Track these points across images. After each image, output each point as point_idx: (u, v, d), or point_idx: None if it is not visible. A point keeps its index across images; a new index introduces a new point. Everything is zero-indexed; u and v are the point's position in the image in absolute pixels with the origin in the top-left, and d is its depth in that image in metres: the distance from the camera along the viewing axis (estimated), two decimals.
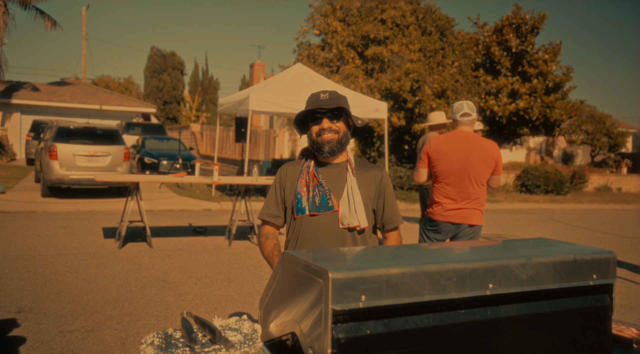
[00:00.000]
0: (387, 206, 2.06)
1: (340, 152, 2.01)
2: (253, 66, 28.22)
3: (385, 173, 2.09)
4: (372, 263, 1.20)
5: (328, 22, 14.74)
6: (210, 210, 10.76)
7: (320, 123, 1.98)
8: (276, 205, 2.12)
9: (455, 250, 1.42)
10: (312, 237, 1.99)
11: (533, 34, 18.49)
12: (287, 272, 1.33)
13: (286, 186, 2.09)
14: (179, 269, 5.59)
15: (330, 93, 2.00)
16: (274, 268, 2.06)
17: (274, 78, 11.81)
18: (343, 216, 1.96)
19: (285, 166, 2.15)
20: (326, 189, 1.98)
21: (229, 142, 23.06)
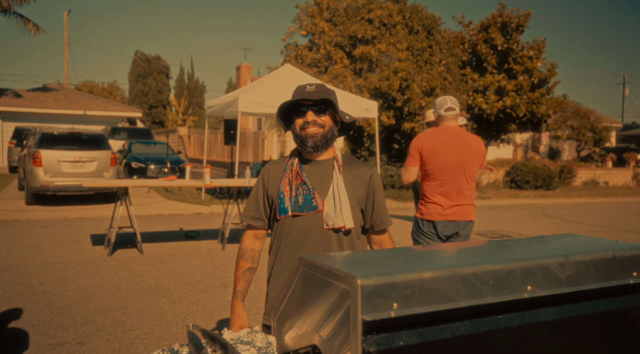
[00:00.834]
0: (377, 206, 1.92)
1: (326, 148, 1.87)
2: (239, 68, 28.04)
3: (375, 171, 1.95)
4: (402, 267, 1.10)
5: (315, 22, 14.64)
6: (200, 214, 10.59)
7: (304, 116, 1.85)
8: (256, 206, 1.97)
9: (486, 249, 1.32)
10: (296, 239, 1.87)
11: (518, 31, 18.57)
12: (305, 279, 1.21)
13: (269, 185, 1.95)
14: (172, 275, 5.44)
15: (317, 85, 1.85)
16: (235, 286, 1.96)
17: (263, 79, 11.68)
18: (328, 216, 1.83)
19: (269, 165, 2.02)
20: (310, 187, 1.84)
21: (217, 145, 22.85)
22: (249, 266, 1.97)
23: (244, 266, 1.96)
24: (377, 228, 1.95)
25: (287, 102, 1.87)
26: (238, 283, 1.95)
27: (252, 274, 1.98)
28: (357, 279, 0.99)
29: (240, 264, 1.97)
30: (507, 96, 17.97)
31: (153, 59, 37.84)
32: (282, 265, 1.90)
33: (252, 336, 1.36)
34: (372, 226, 1.94)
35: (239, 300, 1.93)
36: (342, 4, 14.91)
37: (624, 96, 53.29)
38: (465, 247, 1.33)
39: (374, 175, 1.93)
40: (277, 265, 1.92)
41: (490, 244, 1.41)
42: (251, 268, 1.97)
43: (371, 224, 1.94)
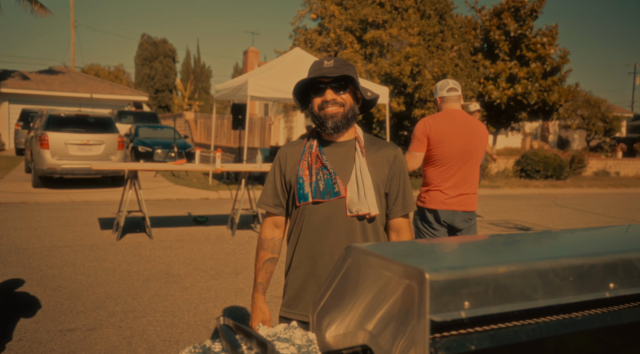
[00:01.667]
0: (401, 188, 1.77)
1: (347, 128, 1.72)
2: (247, 53, 27.78)
3: (400, 152, 1.79)
4: (472, 260, 0.97)
5: (325, 6, 14.38)
6: (208, 199, 10.49)
7: (323, 94, 1.69)
8: (274, 192, 1.83)
9: (560, 240, 1.18)
10: (317, 227, 1.73)
11: (532, 17, 18.24)
12: (354, 270, 1.08)
13: (286, 169, 1.80)
14: (183, 260, 5.34)
15: (336, 60, 1.70)
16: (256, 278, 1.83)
17: (273, 63, 11.48)
18: (351, 203, 1.69)
19: (285, 147, 1.85)
20: (331, 171, 1.70)
21: (223, 130, 22.72)
22: (270, 257, 1.83)
23: (264, 257, 1.83)
24: (399, 213, 1.79)
25: (303, 79, 1.72)
26: (258, 274, 1.82)
27: (273, 265, 1.84)
28: (426, 273, 0.86)
29: (260, 254, 1.84)
30: (518, 83, 17.70)
31: (159, 42, 37.58)
32: (303, 255, 1.77)
33: (290, 332, 1.24)
34: (394, 210, 1.79)
35: (259, 293, 1.81)
36: None
37: (634, 85, 52.61)
38: (537, 237, 1.19)
39: (398, 155, 1.77)
40: (297, 255, 1.79)
41: (546, 234, 1.27)
42: (272, 258, 1.84)
43: (393, 208, 1.79)
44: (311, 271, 1.75)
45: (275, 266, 1.86)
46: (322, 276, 1.73)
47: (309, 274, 1.76)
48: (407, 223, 1.81)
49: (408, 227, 1.82)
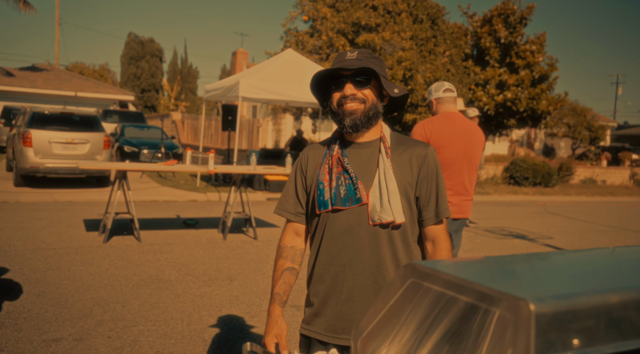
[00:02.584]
0: (432, 192, 1.59)
1: (367, 127, 1.56)
2: (235, 54, 27.54)
3: (432, 150, 1.60)
4: (576, 285, 0.81)
5: (317, 8, 14.24)
6: (196, 201, 10.25)
7: (342, 89, 1.54)
8: (294, 198, 1.69)
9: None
10: (338, 237, 1.56)
11: (522, 24, 18.34)
12: (415, 293, 0.92)
13: (307, 173, 1.66)
14: (173, 265, 5.12)
15: (360, 52, 1.55)
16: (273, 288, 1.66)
17: (264, 64, 11.30)
18: (373, 210, 1.52)
19: (307, 149, 1.72)
20: (353, 176, 1.54)
21: (210, 132, 22.45)
22: (289, 266, 1.67)
23: (283, 266, 1.66)
24: (431, 220, 1.59)
25: (322, 71, 1.56)
26: (276, 284, 1.65)
27: (292, 276, 1.66)
28: (530, 303, 0.70)
29: (278, 263, 1.68)
30: (508, 90, 17.76)
31: (147, 41, 37.13)
32: (323, 267, 1.61)
33: None
34: (426, 216, 1.60)
35: (276, 304, 1.63)
36: None
37: (616, 95, 53.52)
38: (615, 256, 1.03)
39: (429, 155, 1.58)
40: (318, 267, 1.62)
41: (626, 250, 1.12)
42: (291, 268, 1.67)
43: (425, 214, 1.59)
44: (332, 286, 1.59)
45: (296, 277, 1.68)
46: (344, 292, 1.57)
47: (329, 289, 1.59)
48: (443, 231, 1.61)
49: (445, 236, 1.61)
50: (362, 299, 1.55)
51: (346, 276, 1.56)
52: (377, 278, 1.54)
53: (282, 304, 1.63)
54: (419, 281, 0.91)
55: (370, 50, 1.57)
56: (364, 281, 1.55)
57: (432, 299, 0.88)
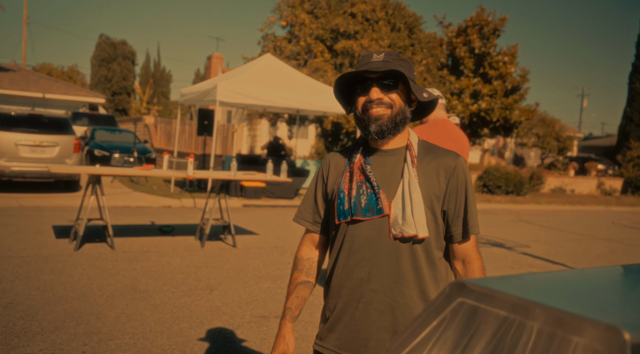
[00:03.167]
0: (461, 206, 1.47)
1: (394, 133, 1.47)
2: (210, 58, 27.25)
3: (462, 162, 1.49)
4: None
5: (296, 13, 14.19)
6: (170, 207, 9.99)
7: (367, 93, 1.45)
8: (313, 207, 1.61)
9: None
10: (357, 250, 1.46)
11: (495, 35, 18.70)
12: (465, 315, 0.82)
13: (329, 180, 1.57)
14: (150, 274, 4.91)
15: (387, 53, 1.46)
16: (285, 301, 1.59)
17: (243, 68, 11.15)
18: (395, 222, 1.42)
19: (330, 156, 1.63)
20: (375, 185, 1.44)
21: (184, 136, 22.09)
22: (303, 280, 1.58)
23: (297, 279, 1.60)
24: (460, 236, 1.48)
25: (347, 74, 1.46)
26: (288, 298, 1.57)
27: (306, 290, 1.58)
28: (624, 331, 0.61)
29: (293, 275, 1.61)
30: (481, 100, 18.05)
31: (119, 43, 36.42)
32: (340, 282, 1.50)
33: None
34: (453, 232, 1.49)
35: (286, 319, 1.55)
36: None
37: (581, 107, 55.22)
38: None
39: (459, 166, 1.47)
40: (335, 281, 1.52)
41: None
42: (306, 282, 1.58)
43: (452, 230, 1.49)
44: (348, 301, 1.48)
45: (310, 291, 1.59)
46: (360, 309, 1.46)
47: (345, 305, 1.49)
48: (473, 249, 1.50)
49: (476, 254, 1.50)
50: (378, 318, 1.44)
51: (363, 292, 1.46)
52: (397, 295, 1.44)
53: (292, 320, 1.55)
54: (471, 301, 0.82)
55: (397, 52, 1.47)
56: (382, 298, 1.44)
57: (490, 323, 0.78)
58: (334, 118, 13.28)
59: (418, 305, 1.43)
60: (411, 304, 1.43)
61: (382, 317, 1.44)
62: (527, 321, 0.73)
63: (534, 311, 0.72)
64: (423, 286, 1.44)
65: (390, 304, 1.43)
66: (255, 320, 3.88)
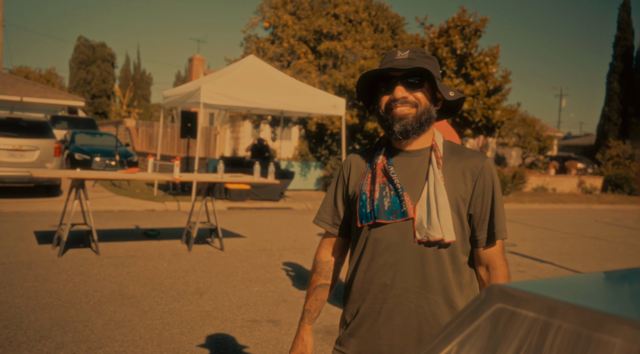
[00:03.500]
0: (487, 210, 1.42)
1: (419, 133, 1.42)
2: (192, 60, 27.02)
3: (490, 163, 1.43)
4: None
5: (279, 15, 14.13)
6: (154, 210, 9.84)
7: (392, 91, 1.40)
8: (332, 208, 1.57)
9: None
10: (379, 254, 1.42)
11: (476, 36, 18.87)
12: (502, 322, 0.77)
13: (350, 182, 1.53)
14: (137, 279, 4.80)
15: (412, 51, 1.42)
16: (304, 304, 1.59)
17: (226, 70, 11.05)
18: (420, 226, 1.38)
19: (351, 156, 1.59)
20: (399, 187, 1.40)
21: (167, 139, 21.84)
22: (322, 282, 1.59)
23: (316, 282, 1.59)
24: (485, 241, 1.43)
25: (371, 71, 1.42)
26: (307, 300, 1.58)
27: (325, 293, 1.59)
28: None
29: (312, 278, 1.61)
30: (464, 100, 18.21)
31: (98, 46, 35.89)
32: (362, 286, 1.46)
33: None
34: (479, 236, 1.44)
35: (305, 321, 1.56)
36: None
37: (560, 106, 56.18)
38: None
39: (486, 168, 1.41)
40: (356, 286, 1.48)
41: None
42: (324, 285, 1.58)
43: (478, 234, 1.44)
44: (370, 306, 1.45)
45: (329, 294, 1.59)
46: (383, 314, 1.42)
47: (367, 310, 1.45)
48: (498, 255, 1.44)
49: (501, 260, 1.44)
50: (402, 323, 1.40)
51: (387, 297, 1.41)
52: (421, 300, 1.40)
53: (311, 322, 1.56)
54: (511, 307, 0.78)
55: (423, 49, 1.44)
56: (407, 304, 1.40)
57: (528, 328, 0.75)
58: (318, 119, 13.25)
59: (443, 311, 1.40)
60: (436, 311, 1.40)
61: (407, 323, 1.40)
62: (566, 324, 0.69)
63: (577, 314, 0.68)
64: (448, 291, 1.40)
65: (415, 310, 1.40)
66: (247, 324, 3.82)
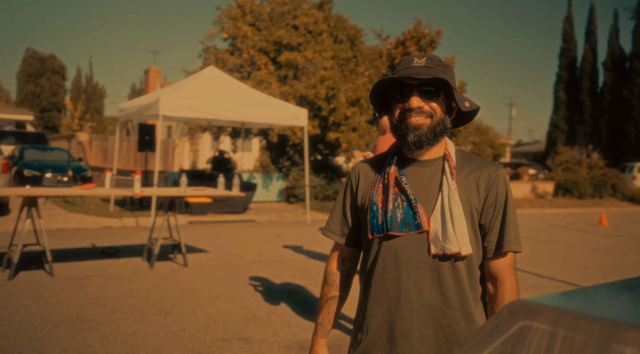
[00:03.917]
0: (498, 220, 1.37)
1: (432, 144, 1.38)
2: (148, 72, 26.46)
3: (503, 173, 1.40)
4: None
5: (238, 26, 14.01)
6: (111, 227, 9.47)
7: (406, 100, 1.36)
8: (341, 219, 1.53)
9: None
10: (392, 267, 1.37)
11: (432, 47, 19.33)
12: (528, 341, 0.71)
13: (359, 191, 1.48)
14: (96, 301, 4.55)
15: (430, 58, 1.37)
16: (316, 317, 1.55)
17: (185, 81, 10.82)
18: (435, 239, 1.33)
19: (359, 165, 1.54)
20: (412, 198, 1.35)
21: (123, 153, 21.22)
22: (333, 294, 1.53)
23: (328, 294, 1.54)
24: (492, 252, 1.37)
25: (386, 79, 1.37)
26: (319, 313, 1.54)
27: (337, 304, 1.54)
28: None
29: (324, 290, 1.56)
30: None
31: (47, 58, 34.64)
32: (374, 301, 1.40)
33: None
34: (487, 247, 1.38)
35: (318, 335, 1.52)
36: (266, 9, 14.43)
37: (510, 115, 58.26)
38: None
39: (500, 177, 1.38)
40: (369, 301, 1.42)
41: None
42: (335, 296, 1.54)
43: (487, 244, 1.38)
44: (384, 322, 1.38)
45: (342, 305, 1.54)
46: (399, 331, 1.35)
47: (381, 326, 1.39)
48: (507, 268, 1.37)
49: (510, 274, 1.37)
50: (420, 340, 1.34)
51: (401, 312, 1.35)
52: (439, 316, 1.34)
53: (324, 335, 1.51)
54: (535, 324, 0.72)
55: (439, 57, 1.39)
56: (424, 319, 1.34)
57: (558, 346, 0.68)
58: (280, 130, 13.16)
59: (462, 326, 1.34)
60: (454, 325, 1.34)
61: (425, 339, 1.34)
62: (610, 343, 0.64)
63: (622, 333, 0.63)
64: (467, 306, 1.35)
65: (432, 325, 1.34)
66: (216, 344, 3.66)
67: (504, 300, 1.33)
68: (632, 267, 7.26)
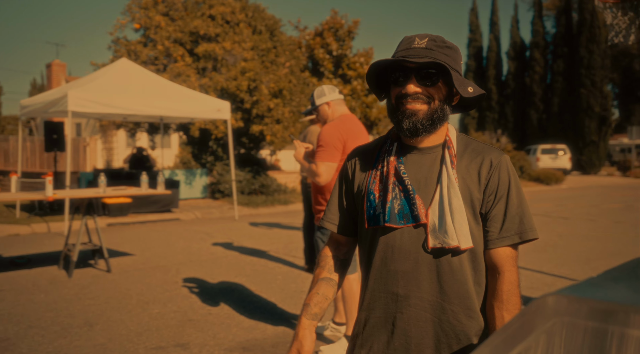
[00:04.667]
0: (500, 208, 1.27)
1: (430, 131, 1.28)
2: (50, 66, 24.57)
3: (506, 159, 1.30)
4: None
5: (150, 15, 13.29)
6: (18, 235, 8.68)
7: (403, 84, 1.26)
8: (339, 208, 1.44)
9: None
10: (389, 260, 1.29)
11: (350, 38, 19.56)
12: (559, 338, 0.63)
13: (356, 178, 1.40)
14: (9, 318, 4.09)
15: (431, 39, 1.27)
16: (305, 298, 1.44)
17: (95, 75, 10.07)
18: (433, 231, 1.25)
19: (355, 151, 1.45)
20: (410, 188, 1.26)
21: (26, 154, 19.59)
22: (325, 276, 1.42)
23: (318, 275, 1.43)
24: (493, 243, 1.28)
25: (383, 61, 1.26)
26: (308, 294, 1.42)
27: (329, 288, 1.40)
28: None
29: (315, 272, 1.46)
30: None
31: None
32: (372, 295, 1.33)
33: None
34: (489, 237, 1.28)
35: (303, 316, 1.38)
36: None
37: None
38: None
39: (503, 163, 1.29)
40: (367, 294, 1.35)
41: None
42: (327, 278, 1.42)
43: (487, 233, 1.29)
44: (382, 316, 1.31)
45: (334, 290, 1.40)
46: (398, 325, 1.28)
47: (379, 320, 1.32)
48: (508, 260, 1.27)
49: (511, 266, 1.27)
50: (418, 335, 1.27)
51: (400, 307, 1.28)
52: (438, 311, 1.26)
53: (310, 317, 1.36)
54: (573, 319, 0.64)
55: (443, 38, 1.27)
56: (422, 314, 1.26)
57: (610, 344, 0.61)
58: (202, 124, 12.71)
59: (462, 322, 1.27)
60: (454, 321, 1.26)
61: (423, 334, 1.27)
62: None
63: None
64: (468, 301, 1.27)
65: (432, 321, 1.27)
66: (151, 353, 3.41)
67: (502, 292, 1.25)
68: (547, 244, 7.74)
